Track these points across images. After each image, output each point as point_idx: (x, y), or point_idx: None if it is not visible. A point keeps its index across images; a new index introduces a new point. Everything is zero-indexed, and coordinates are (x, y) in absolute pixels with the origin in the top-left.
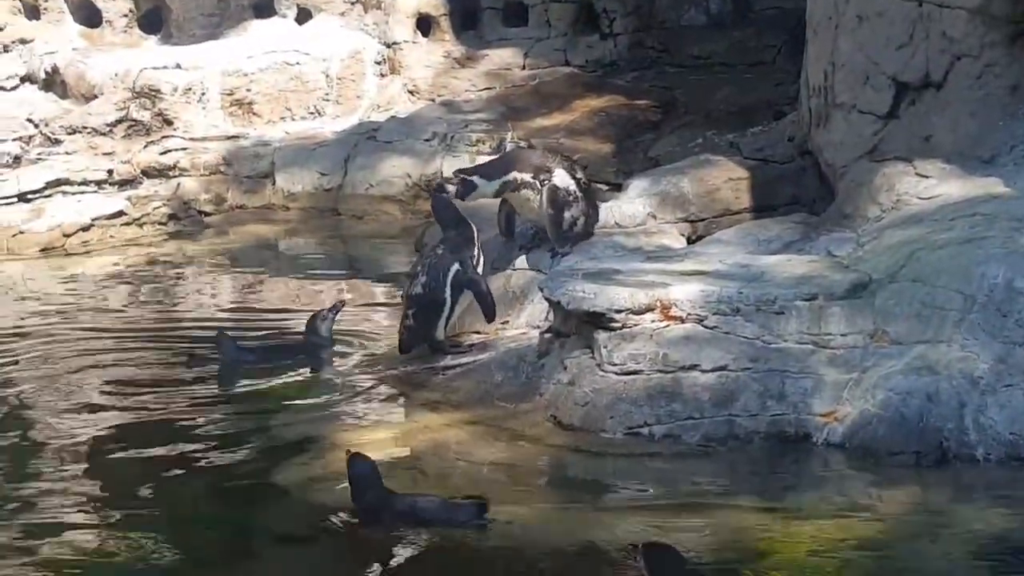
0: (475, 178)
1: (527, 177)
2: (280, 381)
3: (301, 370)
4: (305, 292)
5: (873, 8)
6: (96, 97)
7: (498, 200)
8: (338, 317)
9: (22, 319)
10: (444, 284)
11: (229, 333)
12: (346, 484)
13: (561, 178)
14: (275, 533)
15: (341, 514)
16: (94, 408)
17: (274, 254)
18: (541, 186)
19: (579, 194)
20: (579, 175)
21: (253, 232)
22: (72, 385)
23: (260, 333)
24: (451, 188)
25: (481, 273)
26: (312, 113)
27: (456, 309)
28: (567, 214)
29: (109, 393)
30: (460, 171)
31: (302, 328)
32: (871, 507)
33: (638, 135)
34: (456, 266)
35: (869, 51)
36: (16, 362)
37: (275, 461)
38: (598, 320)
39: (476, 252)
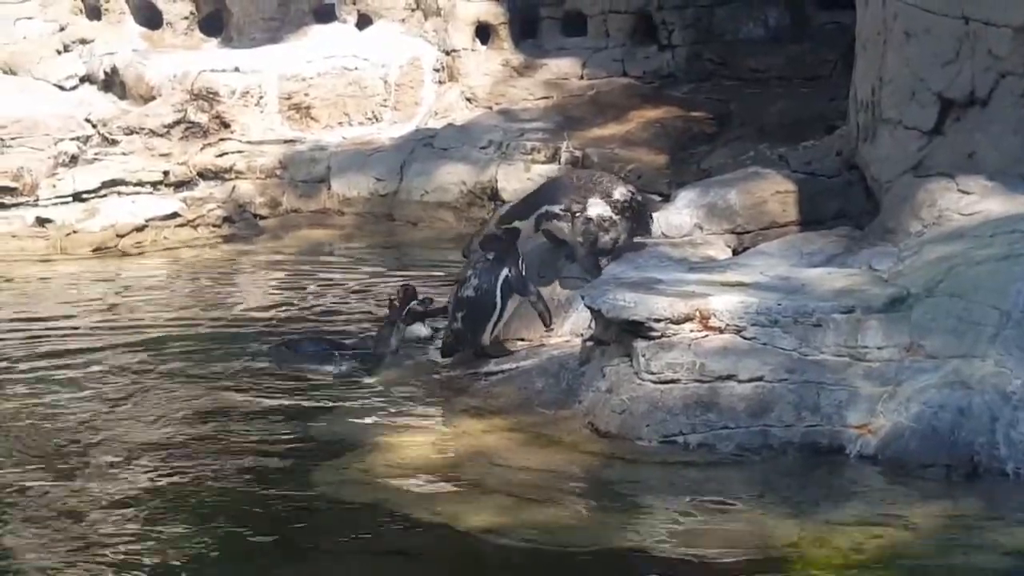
0: (515, 224)
1: (557, 210)
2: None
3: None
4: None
5: (920, 25)
6: (154, 98)
7: None
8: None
9: None
10: (495, 288)
11: None
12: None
13: (595, 208)
14: (311, 536)
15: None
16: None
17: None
18: (574, 218)
19: (615, 217)
20: (617, 196)
21: (307, 236)
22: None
23: None
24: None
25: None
26: (370, 119)
27: (504, 314)
28: (606, 238)
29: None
30: (501, 220)
31: None
32: (902, 519)
33: (692, 147)
34: (506, 271)
35: (916, 67)
36: None
37: (314, 463)
38: (637, 329)
39: (521, 262)
